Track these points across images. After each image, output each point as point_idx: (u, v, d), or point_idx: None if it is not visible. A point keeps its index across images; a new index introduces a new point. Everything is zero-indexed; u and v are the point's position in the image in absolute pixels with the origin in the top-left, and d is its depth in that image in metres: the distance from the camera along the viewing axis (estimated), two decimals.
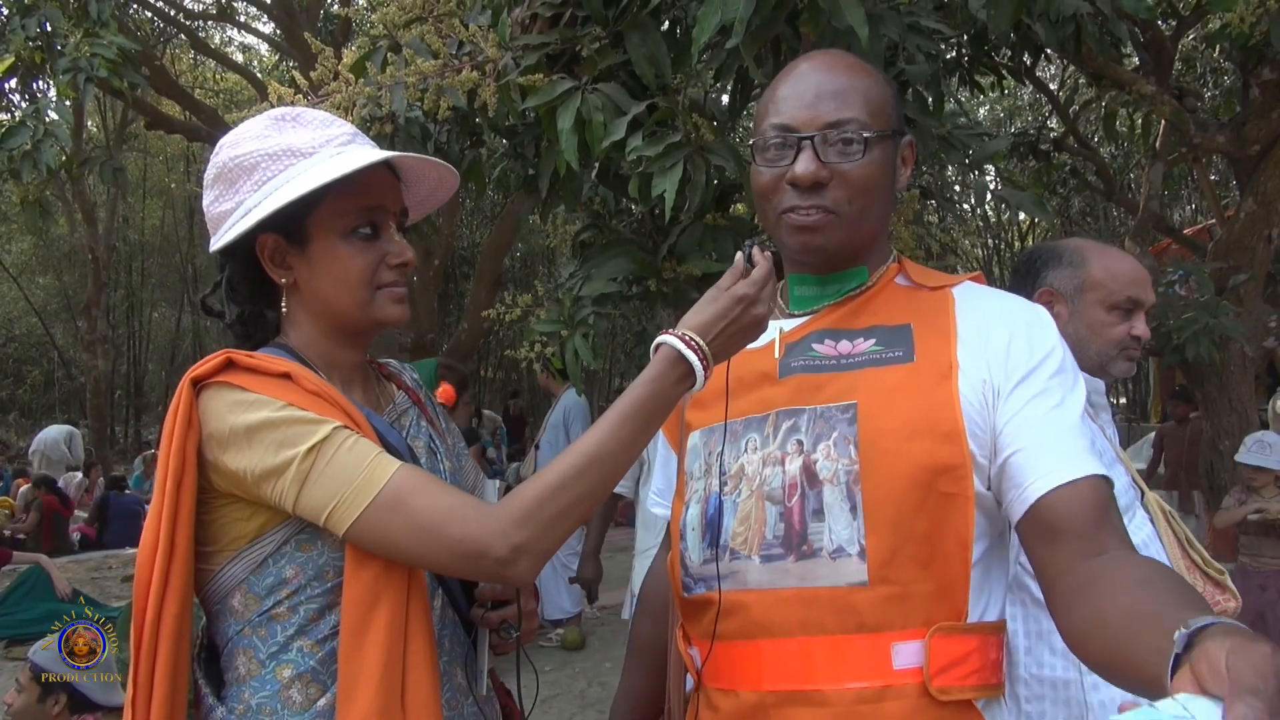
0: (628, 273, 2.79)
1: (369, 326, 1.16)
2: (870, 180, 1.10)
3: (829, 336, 1.14)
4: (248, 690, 1.05)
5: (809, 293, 1.18)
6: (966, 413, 1.04)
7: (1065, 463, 1.00)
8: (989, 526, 1.06)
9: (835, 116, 1.08)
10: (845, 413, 1.06)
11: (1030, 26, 3.48)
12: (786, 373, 1.13)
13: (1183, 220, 12.31)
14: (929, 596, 1.01)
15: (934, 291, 1.15)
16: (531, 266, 16.29)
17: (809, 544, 1.04)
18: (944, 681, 1.00)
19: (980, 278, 1.21)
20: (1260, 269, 4.67)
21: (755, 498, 1.08)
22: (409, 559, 1.03)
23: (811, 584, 1.03)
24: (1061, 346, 1.10)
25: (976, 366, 1.06)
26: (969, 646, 1.02)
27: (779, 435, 1.09)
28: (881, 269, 1.18)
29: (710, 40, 1.98)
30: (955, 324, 1.10)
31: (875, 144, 1.09)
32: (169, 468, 1.02)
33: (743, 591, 1.07)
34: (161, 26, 12.12)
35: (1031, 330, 1.09)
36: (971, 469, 1.02)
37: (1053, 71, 10.61)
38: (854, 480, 1.03)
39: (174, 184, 19.10)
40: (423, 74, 2.50)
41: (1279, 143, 4.31)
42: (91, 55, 4.38)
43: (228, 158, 1.12)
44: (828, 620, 1.02)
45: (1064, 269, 1.69)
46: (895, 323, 1.12)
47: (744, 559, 1.07)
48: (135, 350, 20.63)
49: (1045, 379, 1.05)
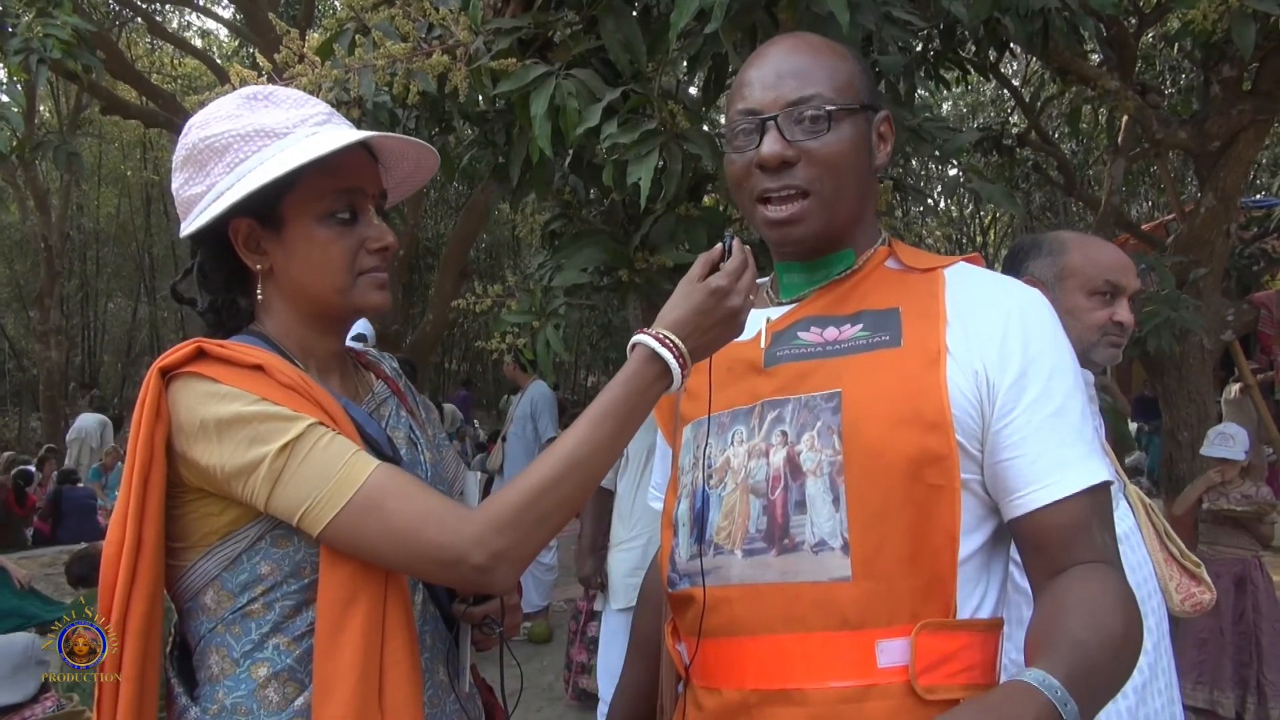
0: (599, 263, 2.77)
1: (349, 313, 1.12)
2: (840, 156, 1.07)
3: (815, 323, 1.10)
4: (222, 689, 1.02)
5: (796, 280, 1.16)
6: (955, 400, 1.00)
7: (1059, 476, 0.98)
8: (983, 518, 1.03)
9: (797, 94, 1.06)
10: (829, 401, 1.03)
11: (999, 21, 3.50)
12: (772, 362, 1.09)
13: (1140, 215, 12.52)
14: (915, 592, 0.98)
15: (925, 274, 1.11)
16: (496, 257, 16.18)
17: (790, 537, 1.01)
18: (931, 680, 0.97)
19: (978, 259, 1.16)
20: (1219, 263, 4.75)
21: (740, 491, 1.05)
22: (384, 563, 1.00)
23: (793, 579, 1.00)
24: (1058, 334, 1.06)
25: (968, 354, 1.02)
26: (958, 644, 0.99)
27: (764, 426, 1.06)
28: (869, 251, 1.15)
29: (686, 26, 1.96)
30: (944, 307, 1.06)
31: (843, 118, 1.07)
32: (136, 460, 0.98)
33: (726, 587, 1.04)
34: (117, 9, 11.82)
35: (1027, 318, 1.04)
36: (958, 460, 0.99)
37: (1015, 68, 10.73)
38: (837, 471, 1.00)
39: (130, 171, 18.69)
40: (392, 57, 2.45)
41: (1239, 139, 4.38)
42: (45, 36, 4.25)
43: (198, 139, 1.07)
44: (810, 617, 0.99)
45: (1044, 258, 1.71)
46: (883, 307, 1.08)
47: (727, 554, 1.05)
48: (89, 341, 20.16)
49: (1044, 378, 1.01)
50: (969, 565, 1.00)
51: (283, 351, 1.08)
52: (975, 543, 1.02)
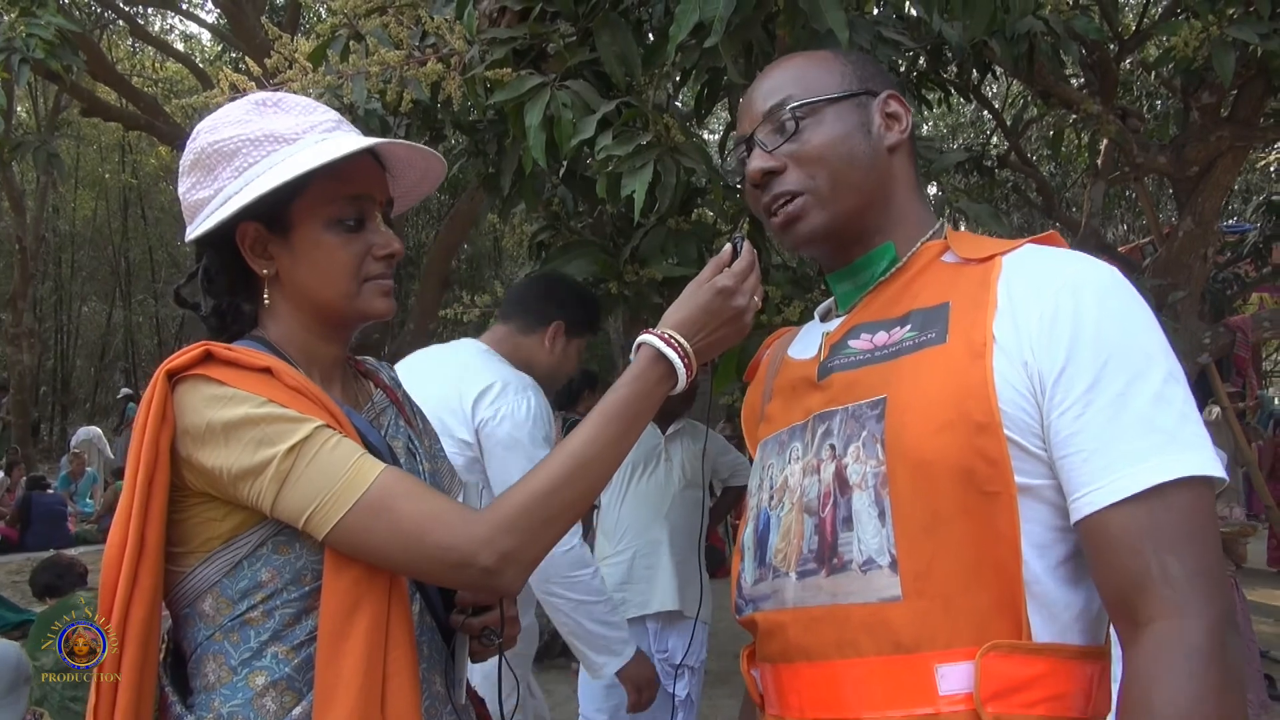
0: (589, 274, 2.77)
1: (354, 319, 1.12)
2: (825, 148, 1.03)
3: (866, 330, 1.04)
4: (218, 698, 1.00)
5: (846, 288, 1.10)
6: (1005, 395, 0.89)
7: (1117, 474, 0.84)
8: (1064, 528, 0.90)
9: (767, 105, 1.06)
10: (874, 409, 0.95)
11: (985, 43, 3.55)
12: (825, 374, 1.04)
13: (1117, 239, 12.69)
14: (977, 611, 0.88)
15: (982, 264, 1.00)
16: (478, 267, 16.12)
17: (839, 556, 0.94)
18: (1000, 708, 0.86)
19: (1054, 238, 1.02)
20: (1196, 286, 4.82)
21: (795, 510, 1.00)
22: (391, 565, 0.99)
23: (843, 601, 0.93)
24: (1123, 309, 0.90)
25: (1016, 342, 0.91)
26: (1037, 669, 0.87)
27: (815, 441, 1.01)
28: (917, 245, 1.06)
29: (683, 40, 1.97)
30: (995, 295, 0.94)
31: (820, 110, 1.04)
32: (140, 463, 0.97)
33: (780, 611, 0.99)
34: (99, 11, 11.73)
35: (1080, 294, 0.90)
36: (1010, 463, 0.88)
37: (995, 90, 10.86)
38: (881, 483, 0.92)
39: (108, 174, 18.49)
40: (386, 64, 2.45)
41: (1216, 165, 4.45)
42: (28, 35, 4.21)
43: (206, 143, 1.07)
44: (861, 640, 0.91)
45: None
46: (934, 304, 0.99)
47: (783, 576, 1.00)
48: (63, 345, 19.89)
49: (1098, 360, 0.87)
50: (1047, 581, 0.89)
51: (285, 357, 1.08)
52: (1056, 555, 0.90)
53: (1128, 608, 0.84)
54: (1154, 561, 0.83)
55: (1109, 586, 0.86)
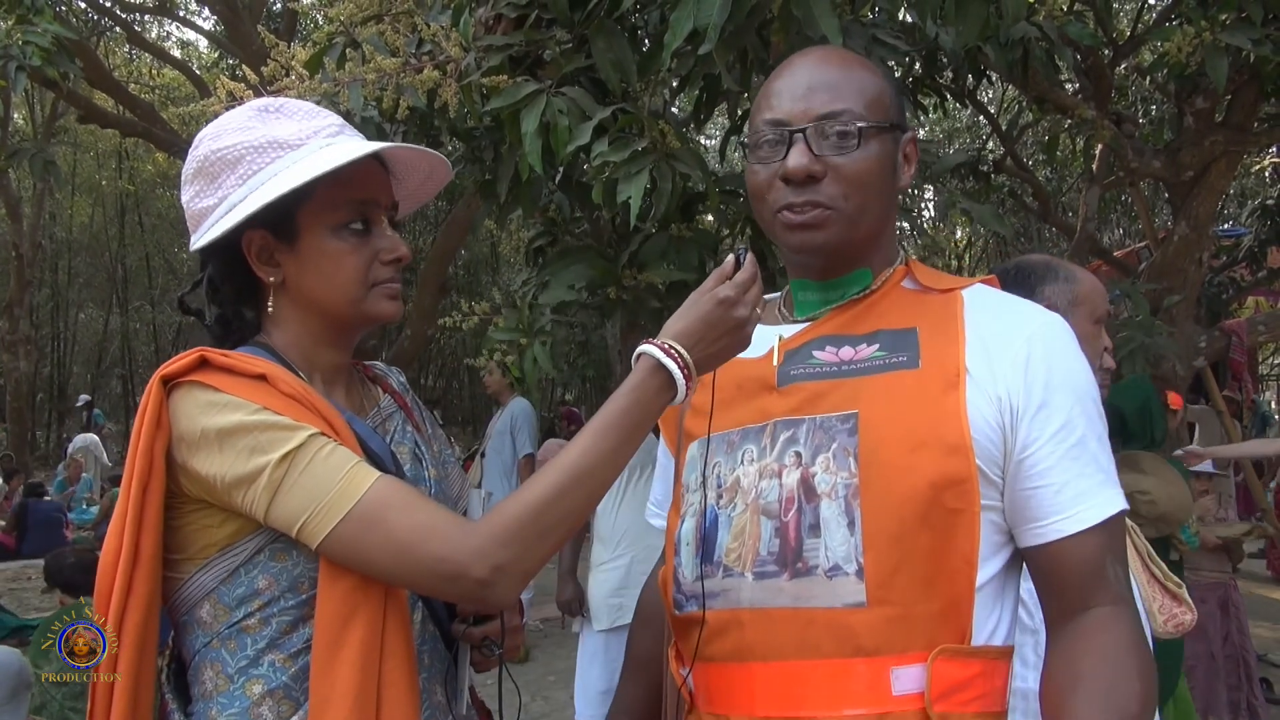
0: (587, 280, 2.77)
1: (361, 324, 1.12)
2: (867, 174, 1.04)
3: (830, 343, 1.08)
4: (215, 707, 0.99)
5: (811, 298, 1.13)
6: (975, 424, 0.98)
7: (1080, 507, 0.97)
8: (1000, 545, 1.01)
9: (828, 108, 1.04)
10: (845, 423, 1.01)
11: (979, 49, 3.56)
12: (786, 381, 1.07)
13: (1112, 243, 12.71)
14: (931, 618, 0.95)
15: (943, 294, 1.09)
16: (475, 273, 16.13)
17: (804, 561, 0.98)
18: (945, 707, 0.94)
19: (994, 281, 1.14)
20: (1192, 291, 4.83)
21: (750, 511, 1.03)
22: (384, 577, 0.98)
23: (807, 604, 0.97)
24: (1080, 361, 1.04)
25: (990, 379, 1.00)
26: (972, 671, 0.97)
27: (777, 446, 1.04)
28: (887, 272, 1.12)
29: (678, 47, 1.98)
30: (964, 329, 1.04)
31: (871, 136, 1.04)
32: (135, 469, 0.96)
33: (735, 610, 1.02)
34: (95, 19, 11.73)
35: (1050, 345, 1.02)
36: (978, 483, 0.97)
37: (991, 95, 10.89)
38: (853, 494, 0.98)
39: (105, 181, 18.48)
40: (383, 71, 2.45)
41: (1211, 169, 4.46)
42: (25, 43, 4.22)
43: (209, 151, 1.06)
44: (824, 643, 0.96)
45: (1060, 284, 1.70)
46: (901, 326, 1.06)
47: (737, 576, 1.02)
48: (59, 352, 19.87)
49: (1067, 406, 1.00)
50: (985, 591, 0.98)
51: (288, 363, 1.07)
52: (992, 569, 1.00)
53: (1079, 602, 0.98)
54: (1108, 569, 0.98)
55: (1065, 588, 0.99)
